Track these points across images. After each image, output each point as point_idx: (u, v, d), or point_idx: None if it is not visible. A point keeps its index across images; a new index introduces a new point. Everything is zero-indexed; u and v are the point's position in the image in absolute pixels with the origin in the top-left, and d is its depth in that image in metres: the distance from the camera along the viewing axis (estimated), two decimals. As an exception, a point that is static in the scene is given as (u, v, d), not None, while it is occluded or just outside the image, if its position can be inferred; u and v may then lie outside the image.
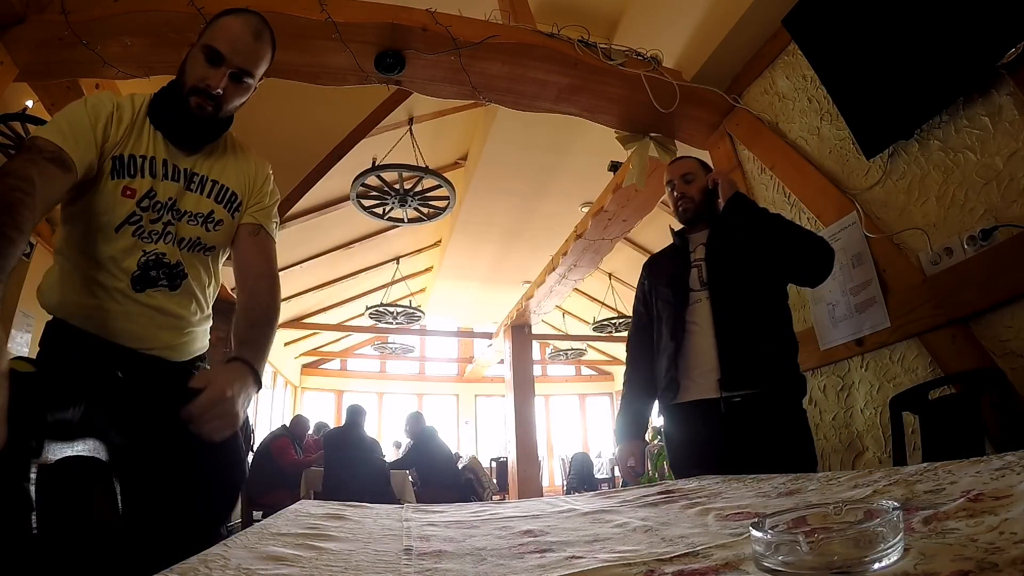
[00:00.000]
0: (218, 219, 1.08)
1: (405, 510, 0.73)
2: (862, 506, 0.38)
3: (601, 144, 3.45)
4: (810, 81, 2.09)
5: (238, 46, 1.01)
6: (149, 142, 1.03)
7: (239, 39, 1.02)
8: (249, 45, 1.03)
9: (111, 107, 1.01)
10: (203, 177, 1.07)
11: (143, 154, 1.01)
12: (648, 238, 5.99)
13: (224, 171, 1.11)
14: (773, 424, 1.41)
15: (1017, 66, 1.44)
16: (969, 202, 1.59)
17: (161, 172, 1.02)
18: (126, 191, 0.98)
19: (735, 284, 1.52)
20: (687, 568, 0.37)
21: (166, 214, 1.02)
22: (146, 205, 1.00)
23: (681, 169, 1.72)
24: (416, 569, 0.41)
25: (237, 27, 1.03)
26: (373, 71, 2.13)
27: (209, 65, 1.01)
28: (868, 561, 0.32)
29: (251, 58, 1.03)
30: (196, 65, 1.02)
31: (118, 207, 0.98)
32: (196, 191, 1.06)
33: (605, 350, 10.75)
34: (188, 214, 1.05)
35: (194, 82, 1.01)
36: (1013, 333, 1.46)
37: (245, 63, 1.02)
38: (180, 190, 1.04)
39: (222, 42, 1.01)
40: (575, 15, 2.76)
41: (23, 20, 1.83)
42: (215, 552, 0.43)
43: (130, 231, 0.99)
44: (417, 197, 3.93)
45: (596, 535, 0.50)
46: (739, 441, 1.41)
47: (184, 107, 1.02)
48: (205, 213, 1.07)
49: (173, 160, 1.04)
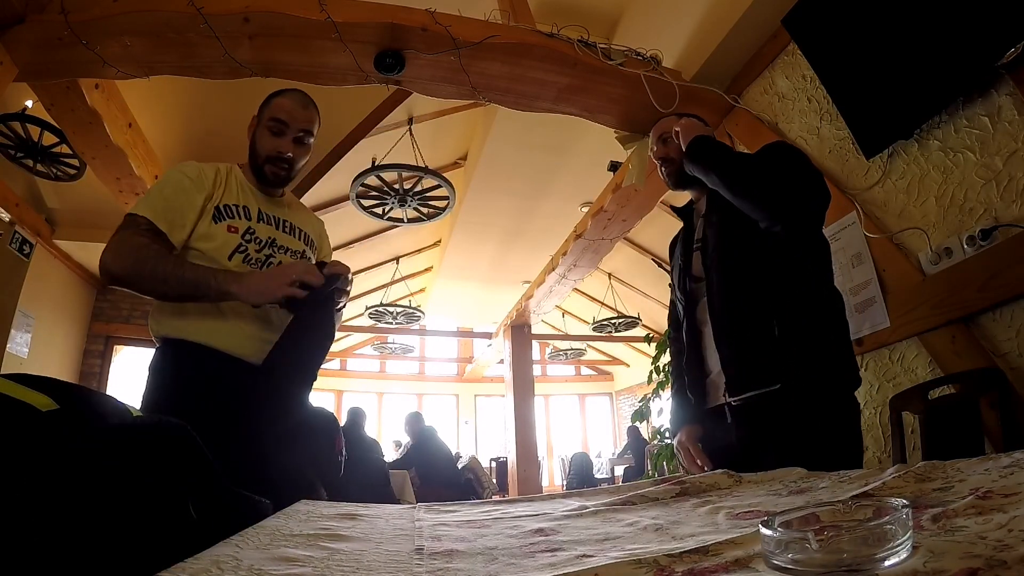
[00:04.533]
0: (308, 256, 1.34)
1: (417, 510, 0.73)
2: (871, 504, 0.38)
3: (601, 144, 3.46)
4: (810, 81, 2.09)
5: (295, 115, 1.25)
6: (240, 195, 1.27)
7: (294, 109, 1.26)
8: (302, 112, 1.26)
9: (195, 171, 1.22)
10: (291, 224, 1.32)
11: (236, 203, 1.24)
12: (648, 238, 6.00)
13: (301, 220, 1.37)
14: (797, 425, 1.12)
15: (1016, 66, 1.45)
16: (969, 202, 1.59)
17: (256, 216, 1.26)
18: (230, 229, 1.21)
19: (734, 262, 1.25)
20: (697, 566, 0.37)
21: (267, 248, 1.25)
22: (248, 238, 1.23)
23: (657, 131, 1.49)
24: (428, 569, 0.42)
25: (288, 101, 1.27)
26: (373, 71, 2.13)
27: (275, 136, 1.24)
28: (877, 559, 0.32)
29: (307, 121, 1.27)
30: (265, 138, 1.25)
31: (228, 241, 1.20)
32: (288, 233, 1.31)
33: (605, 350, 10.76)
34: (288, 249, 1.29)
35: (268, 152, 1.25)
36: (1013, 333, 1.47)
37: (304, 125, 1.26)
38: (275, 232, 1.28)
39: (282, 114, 1.24)
40: (575, 15, 2.76)
41: (23, 20, 1.83)
42: (227, 553, 0.43)
43: (240, 258, 1.21)
44: (417, 197, 3.93)
45: (607, 534, 0.51)
46: (755, 448, 1.16)
47: (262, 175, 1.27)
48: (300, 251, 1.32)
49: (265, 209, 1.28)
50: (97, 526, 0.47)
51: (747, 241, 1.23)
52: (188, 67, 2.08)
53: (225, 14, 1.87)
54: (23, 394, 0.54)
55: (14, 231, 3.55)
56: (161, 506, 0.53)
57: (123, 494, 0.50)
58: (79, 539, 0.46)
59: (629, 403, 10.02)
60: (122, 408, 0.67)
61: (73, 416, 0.56)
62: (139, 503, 0.51)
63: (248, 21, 1.90)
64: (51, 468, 0.48)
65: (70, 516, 0.46)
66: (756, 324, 1.19)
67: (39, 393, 0.55)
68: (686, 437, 1.36)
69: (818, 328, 1.17)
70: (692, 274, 1.38)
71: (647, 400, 3.79)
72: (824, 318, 1.19)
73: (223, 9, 1.86)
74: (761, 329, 1.18)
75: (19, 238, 3.59)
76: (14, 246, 3.56)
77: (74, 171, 3.13)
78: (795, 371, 1.14)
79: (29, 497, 0.46)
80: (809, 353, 1.14)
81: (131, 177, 2.97)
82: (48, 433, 0.52)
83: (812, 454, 0.96)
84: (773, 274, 1.20)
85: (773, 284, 1.20)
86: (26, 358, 3.83)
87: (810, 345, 1.15)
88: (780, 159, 1.24)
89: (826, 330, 1.18)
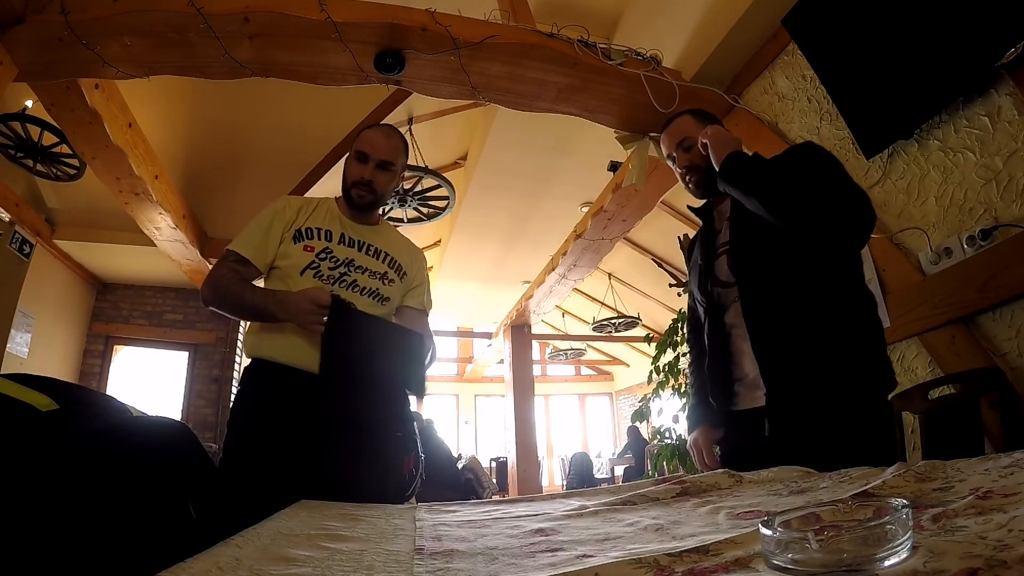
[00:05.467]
0: (391, 278, 1.42)
1: (417, 510, 0.73)
2: (871, 504, 0.38)
3: (601, 144, 3.45)
4: (810, 81, 2.09)
5: (377, 146, 1.40)
6: (325, 219, 1.40)
7: (377, 140, 1.41)
8: (384, 143, 1.41)
9: (283, 204, 1.40)
10: (375, 247, 1.42)
11: (319, 226, 1.37)
12: (648, 238, 6.00)
13: (391, 245, 1.46)
14: (836, 429, 1.08)
15: (1016, 66, 1.45)
16: (968, 202, 1.59)
17: (337, 239, 1.37)
18: (306, 247, 1.34)
19: (767, 269, 1.19)
20: (697, 566, 0.37)
21: (342, 267, 1.35)
22: (323, 256, 1.34)
23: (675, 136, 1.38)
24: (428, 569, 0.42)
25: (373, 133, 1.43)
26: (373, 71, 2.13)
27: (360, 164, 1.39)
28: (877, 558, 0.32)
29: (388, 151, 1.40)
30: (351, 167, 1.40)
31: (302, 258, 1.33)
32: (371, 255, 1.41)
33: (605, 350, 10.76)
34: (367, 270, 1.38)
35: (353, 178, 1.39)
36: (1013, 333, 1.47)
37: (385, 156, 1.39)
38: (355, 253, 1.38)
39: (366, 145, 1.39)
40: (574, 15, 2.76)
41: (23, 20, 1.83)
42: (227, 553, 0.43)
43: (311, 274, 1.32)
44: (417, 197, 3.93)
45: (607, 534, 0.51)
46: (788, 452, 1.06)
47: (349, 199, 1.41)
48: (381, 272, 1.41)
49: (350, 233, 1.40)
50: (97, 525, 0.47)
51: (779, 246, 1.18)
52: (188, 67, 2.08)
53: (225, 14, 1.87)
54: (23, 394, 0.54)
55: (14, 231, 3.55)
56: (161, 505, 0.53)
57: (123, 493, 0.50)
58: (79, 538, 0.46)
59: (629, 403, 10.02)
60: (121, 407, 0.67)
61: (73, 416, 0.56)
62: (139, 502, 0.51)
63: (248, 21, 1.90)
64: (51, 467, 0.48)
65: (70, 515, 0.46)
66: (796, 331, 1.14)
67: (39, 393, 0.55)
68: (702, 439, 1.34)
69: (856, 331, 1.14)
70: (718, 278, 1.30)
71: (647, 400, 3.79)
72: (861, 320, 1.16)
73: (223, 9, 1.86)
74: (802, 336, 1.14)
75: (19, 238, 3.59)
76: (14, 246, 3.56)
77: (74, 171, 3.13)
78: (836, 376, 1.11)
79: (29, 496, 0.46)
80: (849, 357, 1.11)
81: (131, 177, 2.97)
82: (48, 433, 0.52)
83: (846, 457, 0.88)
84: (808, 277, 1.16)
85: (809, 288, 1.15)
86: (26, 358, 3.83)
87: (849, 349, 1.12)
88: (824, 176, 1.15)
89: (863, 332, 1.15)
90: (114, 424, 0.61)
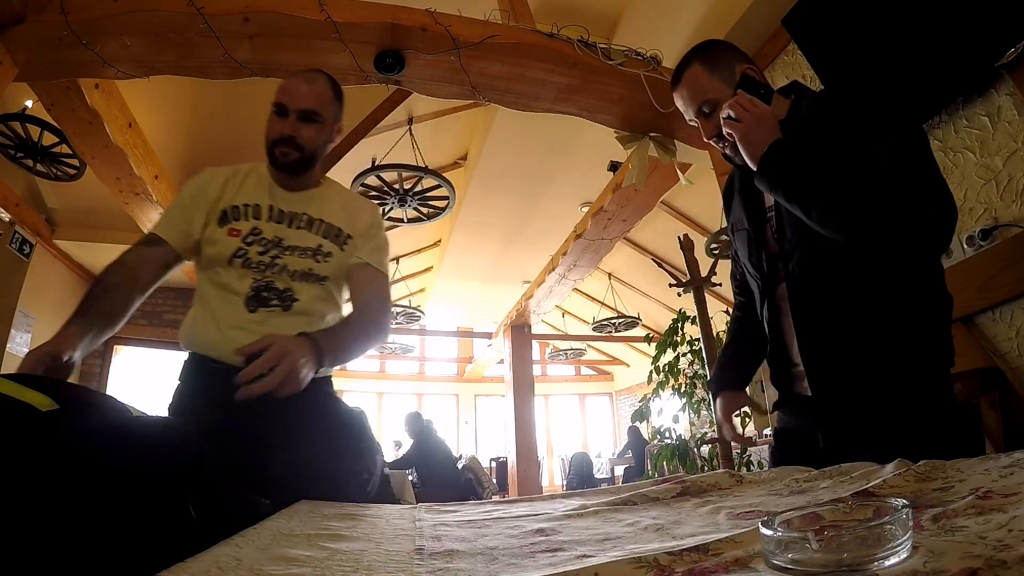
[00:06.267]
0: (327, 251, 1.22)
1: (417, 510, 0.73)
2: (871, 504, 0.38)
3: (601, 144, 3.46)
4: (809, 81, 2.09)
5: (296, 94, 1.20)
6: (254, 190, 1.23)
7: (296, 88, 1.21)
8: (304, 89, 1.21)
9: (205, 179, 1.24)
10: (309, 217, 1.23)
11: (246, 202, 1.21)
12: (648, 238, 6.01)
13: (329, 210, 1.26)
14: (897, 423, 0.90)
15: (1016, 66, 1.45)
16: (968, 202, 1.59)
17: (266, 214, 1.21)
18: (232, 232, 1.18)
19: (817, 249, 0.95)
20: (697, 566, 0.37)
21: (273, 248, 1.19)
22: (251, 240, 1.18)
23: (695, 97, 1.06)
24: (428, 569, 0.42)
25: (292, 80, 1.23)
26: (373, 71, 2.14)
27: (279, 118, 1.20)
28: (877, 558, 0.32)
29: (309, 98, 1.20)
30: (271, 123, 1.21)
31: (228, 245, 1.17)
32: (303, 227, 1.22)
33: (605, 350, 10.76)
34: (297, 249, 1.20)
35: (272, 136, 1.20)
36: (1013, 333, 1.47)
37: (305, 104, 1.19)
38: (284, 229, 1.21)
39: (283, 95, 1.20)
40: (574, 15, 2.76)
41: (23, 20, 1.83)
42: (227, 553, 0.43)
43: (239, 263, 1.16)
44: (417, 197, 3.93)
45: (607, 534, 0.51)
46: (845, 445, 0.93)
47: (274, 160, 1.21)
48: (314, 247, 1.21)
49: (278, 205, 1.23)
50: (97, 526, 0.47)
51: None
52: (188, 67, 2.08)
53: (225, 14, 1.87)
54: (23, 394, 0.54)
55: (14, 231, 3.55)
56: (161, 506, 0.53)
57: (123, 493, 0.50)
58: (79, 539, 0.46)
59: (629, 403, 10.02)
60: (121, 407, 0.67)
61: (73, 415, 0.56)
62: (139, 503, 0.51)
63: (248, 21, 1.90)
64: (51, 468, 0.48)
65: (70, 516, 0.46)
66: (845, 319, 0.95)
67: (39, 393, 0.55)
68: (722, 411, 1.19)
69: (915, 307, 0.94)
70: (768, 248, 1.07)
71: (647, 400, 3.80)
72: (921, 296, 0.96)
73: (223, 9, 1.86)
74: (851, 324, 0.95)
75: (19, 238, 3.59)
76: (14, 246, 3.56)
77: (74, 171, 3.14)
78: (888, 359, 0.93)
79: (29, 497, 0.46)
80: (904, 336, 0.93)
81: (131, 177, 2.97)
82: (48, 433, 0.52)
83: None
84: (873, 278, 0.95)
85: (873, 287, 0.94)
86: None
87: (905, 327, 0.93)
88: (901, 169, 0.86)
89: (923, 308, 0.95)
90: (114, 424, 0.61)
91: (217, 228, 1.18)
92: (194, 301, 1.23)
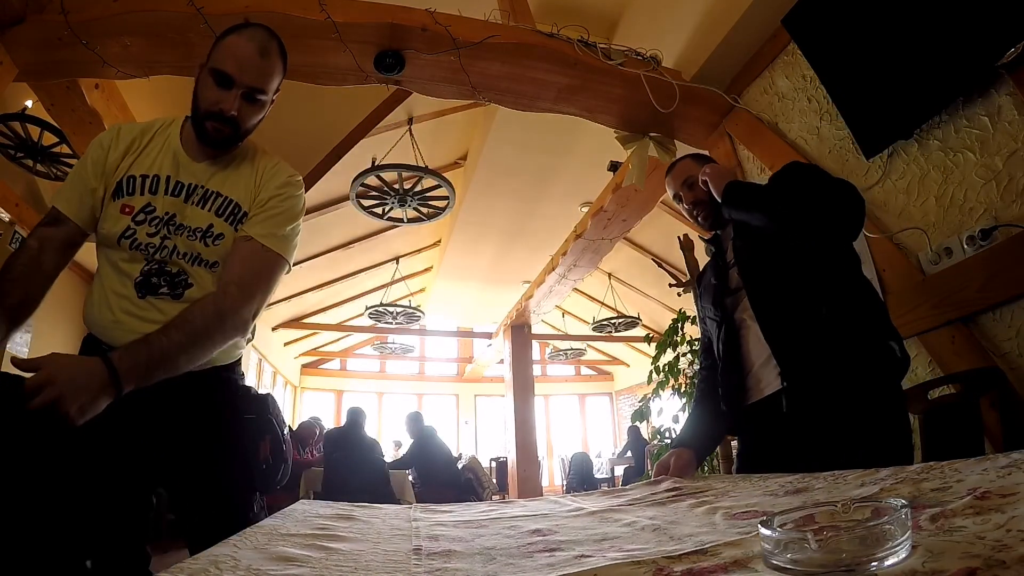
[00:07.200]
0: (218, 233, 1.06)
1: (414, 510, 0.73)
2: (870, 504, 0.38)
3: (601, 144, 3.45)
4: (809, 81, 2.09)
5: (245, 66, 1.01)
6: (158, 157, 1.08)
7: (246, 58, 1.02)
8: (256, 63, 1.03)
9: (108, 141, 1.08)
10: (206, 190, 1.07)
11: (144, 173, 1.06)
12: (648, 238, 6.00)
13: (232, 183, 1.09)
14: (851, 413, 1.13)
15: (1016, 66, 1.45)
16: (968, 202, 1.59)
17: (163, 189, 1.06)
18: (124, 208, 1.04)
19: (771, 271, 1.29)
20: (696, 566, 0.37)
21: (163, 228, 1.05)
22: (141, 219, 1.04)
23: (680, 176, 1.53)
24: (426, 569, 0.42)
25: (242, 46, 1.03)
26: (373, 71, 2.13)
27: (220, 88, 1.02)
28: (876, 559, 0.32)
29: (261, 76, 1.03)
30: (207, 89, 1.03)
31: (118, 223, 1.04)
32: (197, 204, 1.06)
33: (605, 350, 10.76)
34: (187, 228, 1.05)
35: (207, 107, 1.02)
36: (1013, 333, 1.47)
37: (255, 82, 1.03)
38: (179, 204, 1.06)
39: (230, 63, 1.01)
40: (575, 15, 2.76)
41: (23, 20, 1.83)
42: (225, 553, 0.43)
43: (127, 243, 1.04)
44: (417, 197, 3.93)
45: (605, 534, 0.51)
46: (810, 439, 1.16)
47: (202, 132, 1.05)
48: (204, 227, 1.06)
49: (177, 176, 1.07)
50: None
51: (780, 248, 1.29)
52: (188, 67, 2.07)
53: (225, 14, 1.87)
54: None
55: (14, 231, 3.55)
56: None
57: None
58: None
59: (629, 403, 10.02)
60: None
61: None
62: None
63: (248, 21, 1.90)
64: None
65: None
66: (803, 307, 1.22)
67: None
68: (673, 464, 1.31)
69: (858, 309, 1.21)
70: (729, 288, 1.40)
71: (647, 400, 3.79)
72: (861, 300, 1.23)
73: (223, 9, 1.86)
74: (809, 311, 1.21)
75: (19, 238, 3.59)
76: (14, 246, 3.56)
77: (74, 171, 3.13)
78: (846, 353, 1.16)
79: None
80: (854, 334, 1.18)
81: (131, 177, 2.97)
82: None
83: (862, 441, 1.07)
84: (808, 267, 1.25)
85: (811, 274, 1.24)
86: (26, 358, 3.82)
87: (853, 327, 1.18)
88: (809, 180, 1.28)
89: (865, 310, 1.22)
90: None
91: (112, 202, 1.05)
92: (96, 274, 1.11)
